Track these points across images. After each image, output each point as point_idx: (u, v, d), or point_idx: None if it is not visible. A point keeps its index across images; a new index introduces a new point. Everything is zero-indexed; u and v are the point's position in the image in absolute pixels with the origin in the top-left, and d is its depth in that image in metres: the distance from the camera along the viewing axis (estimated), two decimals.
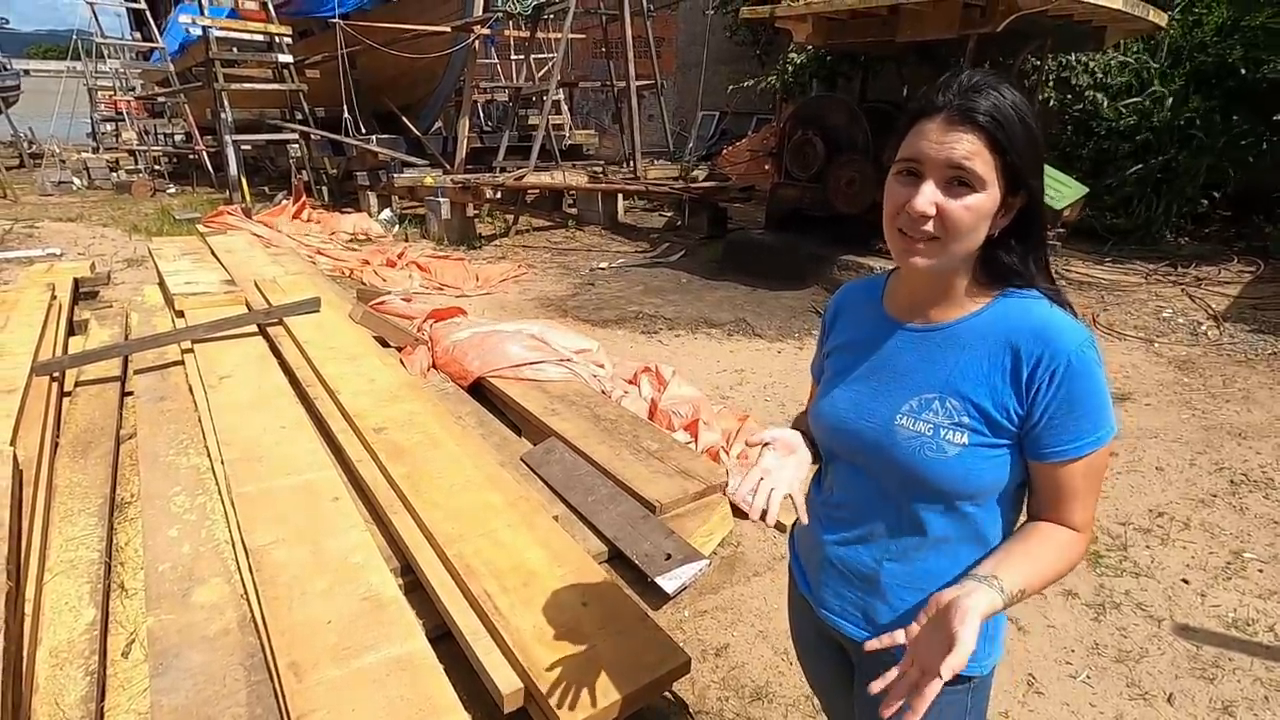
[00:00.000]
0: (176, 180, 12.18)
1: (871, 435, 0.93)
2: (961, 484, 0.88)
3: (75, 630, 1.80)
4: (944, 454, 0.88)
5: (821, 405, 1.02)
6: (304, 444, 2.60)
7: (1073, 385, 0.83)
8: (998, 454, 0.88)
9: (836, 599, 1.02)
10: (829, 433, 1.01)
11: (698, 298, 5.90)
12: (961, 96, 0.81)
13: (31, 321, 3.77)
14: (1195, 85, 6.95)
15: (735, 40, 13.16)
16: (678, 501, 2.56)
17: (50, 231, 8.27)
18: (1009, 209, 0.86)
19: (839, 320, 1.08)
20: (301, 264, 6.08)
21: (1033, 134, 0.83)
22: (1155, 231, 7.13)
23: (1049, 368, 0.84)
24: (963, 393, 0.88)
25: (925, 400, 0.90)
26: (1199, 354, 4.68)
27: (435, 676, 1.56)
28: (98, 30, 13.47)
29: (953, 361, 0.90)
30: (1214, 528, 2.76)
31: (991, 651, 0.99)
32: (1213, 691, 1.98)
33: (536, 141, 8.64)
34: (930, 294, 0.93)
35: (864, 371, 0.98)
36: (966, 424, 0.87)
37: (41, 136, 16.00)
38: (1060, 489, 0.88)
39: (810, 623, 1.11)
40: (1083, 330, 0.85)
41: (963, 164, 0.81)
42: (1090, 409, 0.84)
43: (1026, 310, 0.88)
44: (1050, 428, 0.85)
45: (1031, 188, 0.85)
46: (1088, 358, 0.84)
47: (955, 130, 0.81)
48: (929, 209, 0.83)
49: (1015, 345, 0.86)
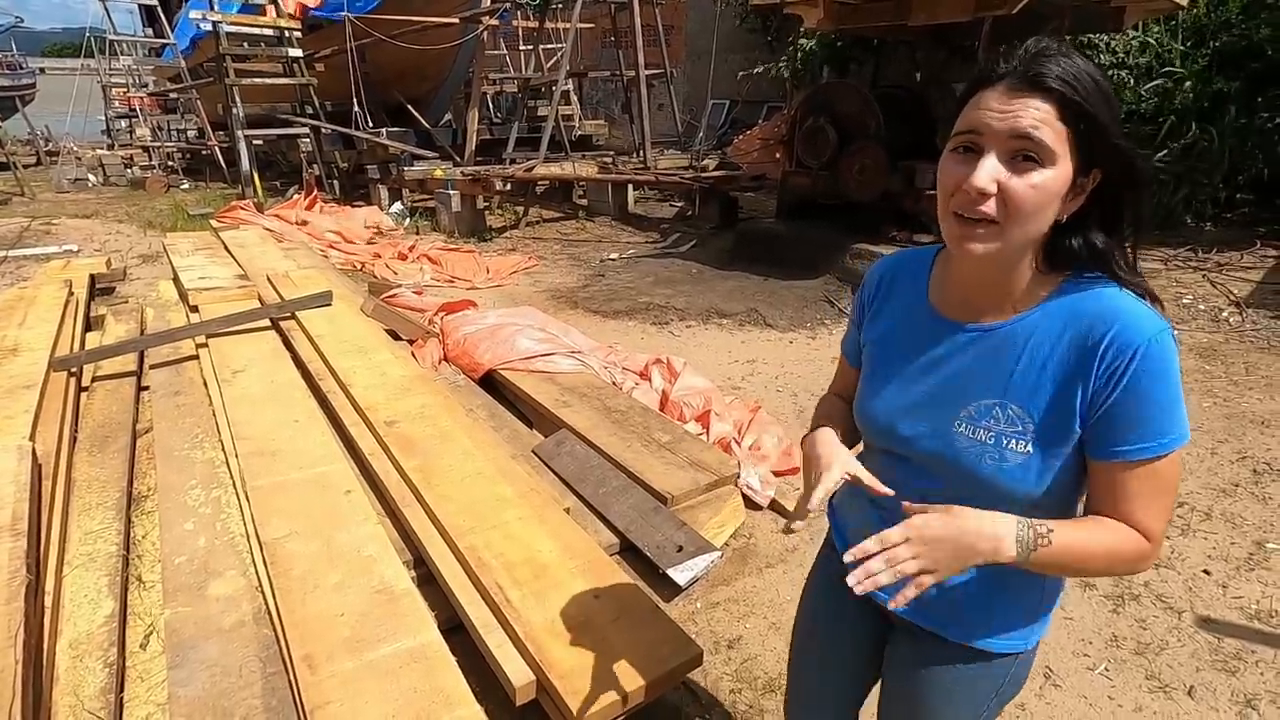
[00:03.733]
0: (190, 176, 12.28)
1: (928, 442, 0.88)
2: (1025, 491, 0.82)
3: (94, 622, 1.82)
4: (1007, 462, 0.81)
5: (871, 405, 0.96)
6: (317, 437, 2.61)
7: (1142, 378, 0.75)
8: (1065, 458, 0.81)
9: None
10: (880, 435, 0.95)
11: (709, 288, 5.87)
12: (1028, 62, 0.73)
13: (49, 318, 3.82)
14: (1219, 66, 6.78)
15: (745, 27, 13.03)
16: (689, 493, 2.55)
17: (67, 228, 8.37)
18: (1080, 190, 0.77)
19: (879, 301, 0.99)
20: (313, 258, 6.11)
21: (1112, 104, 0.73)
22: (1176, 217, 6.99)
23: (1116, 359, 0.75)
24: (1025, 399, 0.81)
25: (984, 407, 0.83)
26: (1220, 341, 4.59)
27: (448, 669, 1.57)
28: (111, 27, 13.56)
29: (1012, 365, 0.82)
30: (1236, 518, 2.71)
31: (1035, 630, 0.95)
32: (1235, 684, 1.95)
33: (546, 132, 8.62)
34: (986, 287, 0.84)
35: (914, 372, 0.91)
36: (1030, 431, 0.81)
37: (57, 134, 16.17)
38: (1120, 491, 0.79)
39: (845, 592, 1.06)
40: (1157, 319, 0.77)
41: (1030, 133, 0.71)
42: (1160, 408, 0.76)
43: (1094, 297, 0.79)
44: (1113, 424, 0.77)
45: (1112, 162, 0.75)
46: (1161, 349, 0.75)
47: (1021, 96, 0.72)
48: (989, 186, 0.73)
49: (1081, 338, 0.78)
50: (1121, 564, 0.81)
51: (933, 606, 0.93)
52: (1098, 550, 0.79)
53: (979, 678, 0.96)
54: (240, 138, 9.26)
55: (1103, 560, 0.80)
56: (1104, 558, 0.79)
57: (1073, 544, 0.78)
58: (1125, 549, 0.79)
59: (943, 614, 0.94)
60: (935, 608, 0.94)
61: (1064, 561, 0.78)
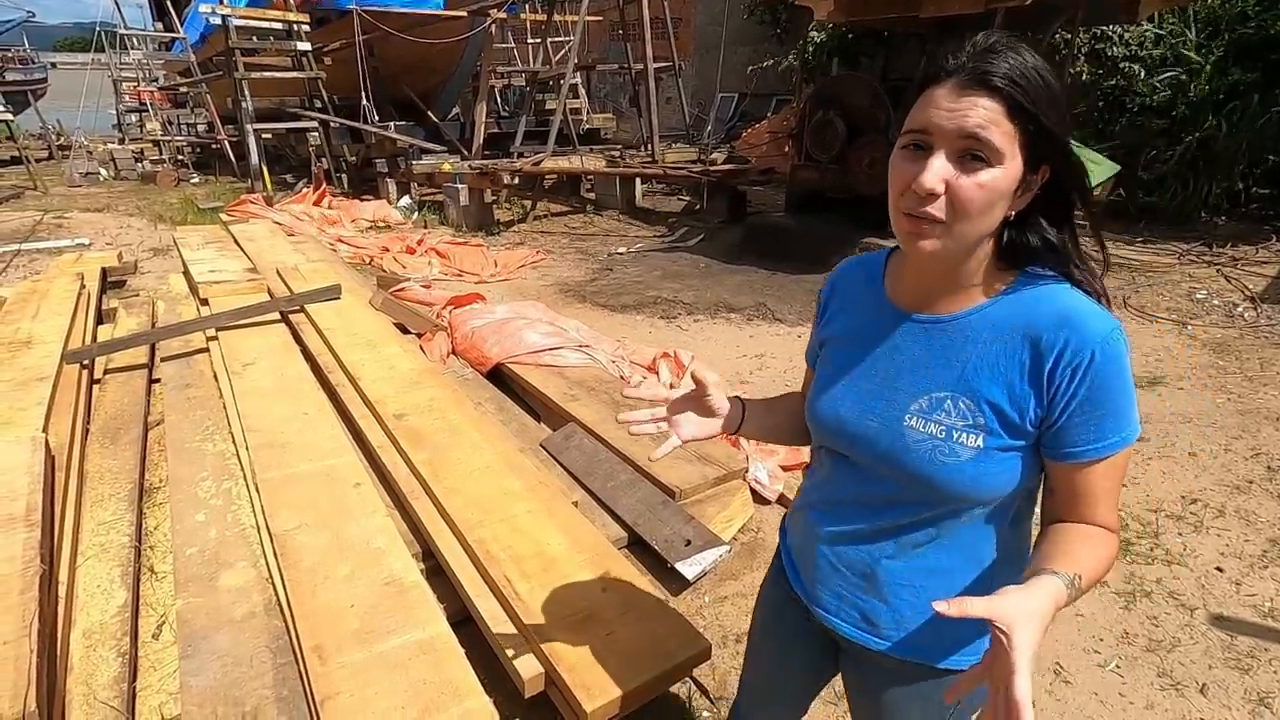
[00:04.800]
0: (200, 170, 12.33)
1: (878, 438, 0.86)
2: (976, 489, 0.82)
3: (107, 612, 1.84)
4: (958, 458, 0.80)
5: (820, 404, 0.94)
6: (326, 430, 2.62)
7: (1098, 380, 0.76)
8: (1014, 456, 0.81)
9: (833, 598, 0.97)
10: (830, 435, 0.93)
11: (717, 282, 5.85)
12: (975, 59, 0.72)
13: (62, 311, 3.85)
14: (1235, 58, 6.68)
15: (754, 20, 12.95)
16: (697, 487, 2.54)
17: (79, 222, 8.43)
18: (1029, 186, 0.77)
19: (835, 303, 0.99)
20: (322, 251, 6.14)
21: (1059, 100, 0.73)
22: (1190, 211, 6.91)
23: (1072, 361, 0.76)
24: (977, 391, 0.80)
25: (936, 400, 0.82)
26: (1235, 336, 4.54)
27: (457, 660, 1.57)
28: (121, 22, 13.62)
29: (965, 357, 0.82)
30: (1250, 515, 2.69)
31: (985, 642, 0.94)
32: (1248, 682, 1.93)
33: (554, 126, 8.59)
34: (939, 281, 0.84)
35: (866, 367, 0.90)
36: (982, 425, 0.80)
37: (69, 128, 16.26)
38: (1081, 491, 0.81)
39: (794, 612, 1.07)
40: (1110, 319, 0.77)
41: (978, 134, 0.71)
42: (1116, 406, 0.77)
43: (1048, 297, 0.79)
44: (1072, 426, 0.78)
45: (1059, 160, 0.76)
46: (1115, 349, 0.76)
47: (969, 95, 0.72)
48: (937, 187, 0.73)
49: (1035, 336, 0.78)
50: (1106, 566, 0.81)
51: (879, 622, 0.93)
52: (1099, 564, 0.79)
53: (932, 695, 0.95)
54: (249, 132, 9.29)
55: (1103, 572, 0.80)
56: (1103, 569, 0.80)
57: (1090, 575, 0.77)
58: (1108, 553, 0.80)
59: (889, 630, 0.94)
60: (881, 623, 0.93)
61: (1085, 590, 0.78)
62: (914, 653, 0.93)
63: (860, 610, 0.95)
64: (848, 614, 0.96)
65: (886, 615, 0.93)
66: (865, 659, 0.98)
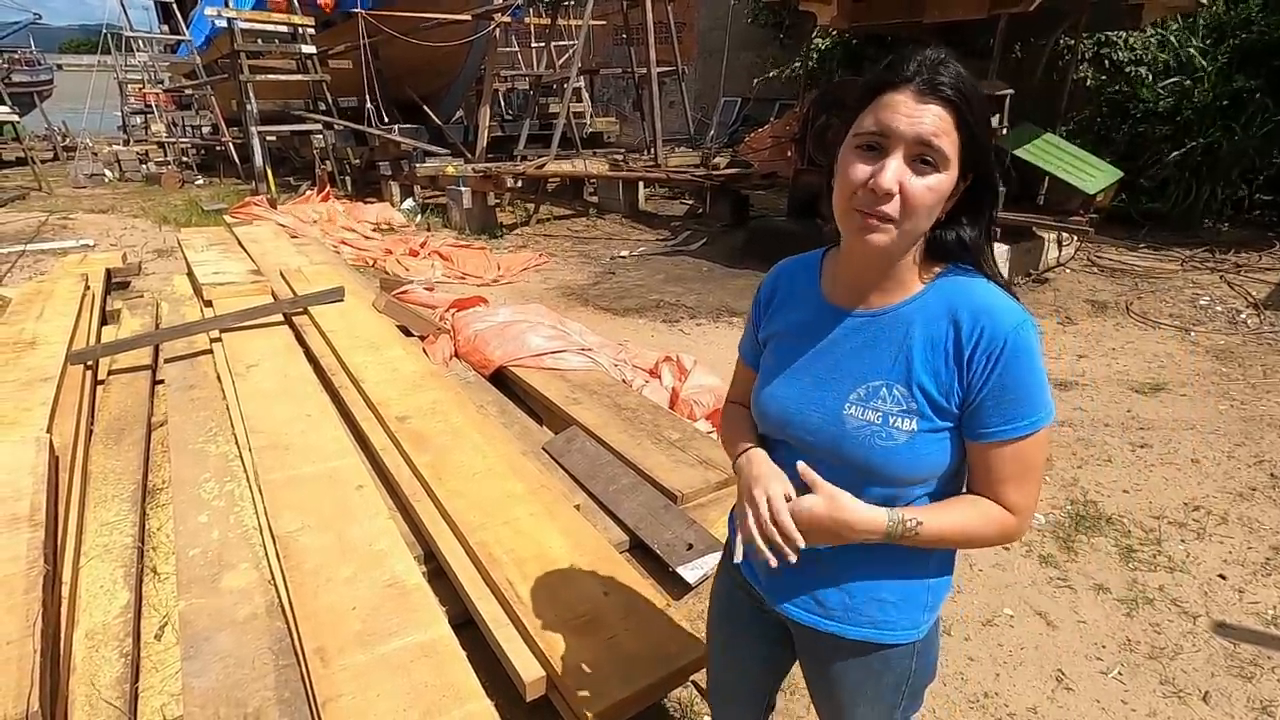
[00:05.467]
0: (204, 172, 12.38)
1: (820, 426, 0.92)
2: (911, 470, 0.88)
3: (110, 613, 1.84)
4: (894, 441, 0.87)
5: (764, 397, 0.99)
6: (329, 432, 2.63)
7: (1009, 366, 0.82)
8: (943, 437, 0.88)
9: (785, 583, 1.01)
10: (775, 426, 0.98)
11: (719, 286, 5.86)
12: (931, 70, 0.79)
13: (66, 311, 3.87)
14: (1239, 64, 6.68)
15: (757, 24, 12.97)
16: (699, 491, 2.54)
17: (83, 223, 8.46)
18: (958, 189, 0.84)
19: (775, 301, 1.05)
20: (326, 254, 6.15)
21: (987, 112, 0.83)
22: (1193, 217, 6.91)
23: (987, 348, 0.83)
24: (909, 378, 0.87)
25: (873, 388, 0.88)
26: (1238, 343, 4.53)
27: (458, 663, 1.58)
28: (127, 24, 13.69)
29: (898, 347, 0.88)
30: (1253, 522, 2.68)
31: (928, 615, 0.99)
32: (1251, 690, 1.92)
33: (557, 129, 8.62)
34: (875, 276, 0.90)
35: (807, 360, 0.95)
36: (914, 410, 0.86)
37: (74, 130, 16.35)
38: (991, 470, 0.87)
39: (747, 601, 1.11)
40: (1021, 311, 0.85)
41: (931, 140, 0.78)
42: (1025, 392, 0.84)
43: (968, 289, 0.87)
44: (984, 408, 0.85)
45: (985, 168, 0.84)
46: (1025, 338, 0.83)
47: (925, 103, 0.78)
48: (894, 187, 0.79)
49: (957, 324, 0.85)
50: (990, 539, 0.90)
51: (825, 603, 0.98)
52: (964, 529, 0.88)
53: (883, 672, 1.01)
54: (254, 134, 9.33)
55: (969, 537, 0.89)
56: (969, 535, 0.89)
57: (940, 529, 0.87)
58: (990, 525, 0.88)
59: (836, 609, 0.98)
60: (828, 603, 0.98)
61: (937, 542, 0.89)
62: (862, 631, 0.98)
63: (810, 594, 1.00)
64: (799, 599, 1.01)
65: (835, 597, 0.98)
66: (818, 641, 1.02)
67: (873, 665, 1.00)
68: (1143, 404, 3.68)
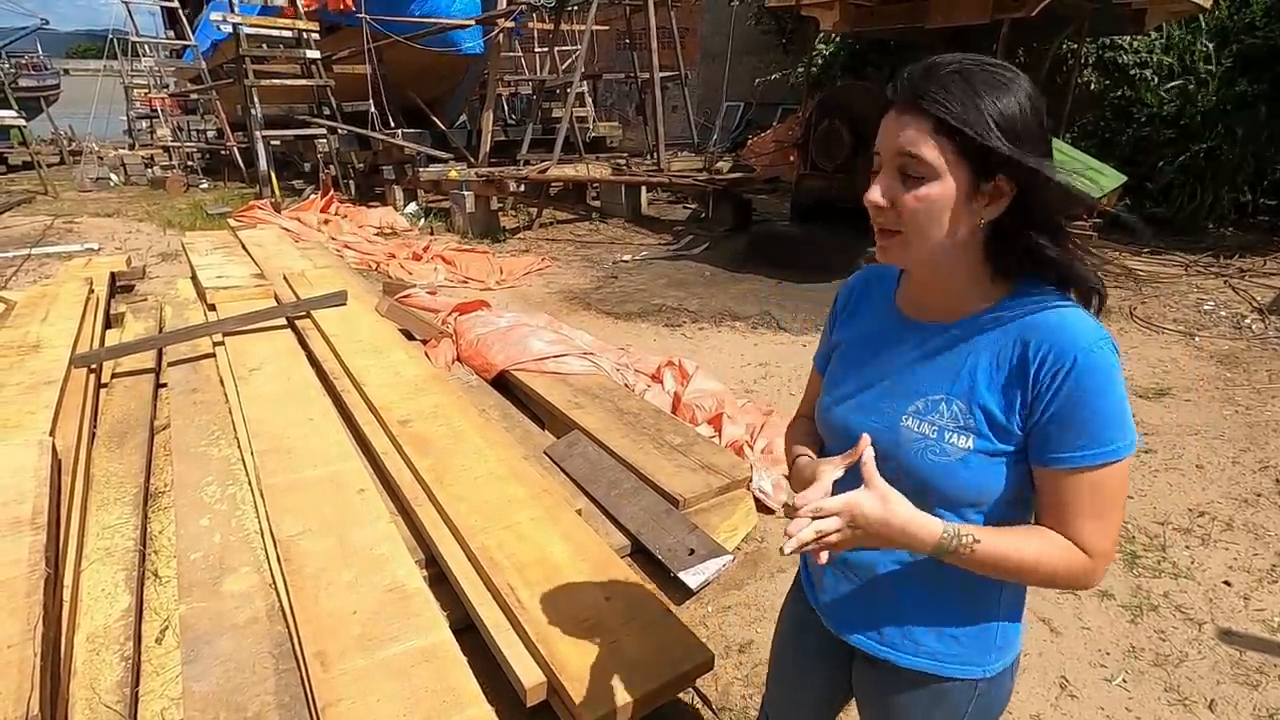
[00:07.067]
0: (209, 176, 12.43)
1: (878, 437, 0.88)
2: (964, 490, 0.84)
3: (111, 616, 1.84)
4: (948, 458, 0.83)
5: (826, 404, 0.98)
6: (331, 436, 2.63)
7: (1080, 384, 0.77)
8: (1001, 461, 0.83)
9: (841, 605, 0.99)
10: (838, 435, 0.96)
11: (722, 290, 5.86)
12: (908, 82, 0.78)
13: (70, 315, 3.88)
14: (1242, 69, 6.68)
15: (760, 29, 13.01)
16: (701, 496, 2.54)
17: (89, 226, 8.50)
18: (996, 196, 0.78)
19: (848, 310, 1.04)
20: (329, 257, 6.17)
21: (987, 112, 0.75)
22: (1197, 221, 6.90)
23: (1054, 366, 0.78)
24: (969, 395, 0.83)
25: (932, 402, 0.86)
26: (1242, 348, 4.52)
27: (459, 668, 1.57)
28: (133, 29, 13.76)
29: (959, 361, 0.85)
30: (1258, 528, 2.66)
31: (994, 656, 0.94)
32: (1256, 699, 1.91)
33: (560, 134, 8.63)
34: (933, 290, 0.89)
35: (872, 370, 0.94)
36: (971, 427, 0.83)
37: (80, 134, 16.42)
38: (1064, 502, 0.80)
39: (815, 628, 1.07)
40: (1098, 329, 0.79)
41: (909, 151, 0.77)
42: (1099, 415, 0.77)
43: (1038, 305, 0.81)
44: (1052, 431, 0.79)
45: (1019, 172, 0.76)
46: (1100, 358, 0.77)
47: (904, 116, 0.78)
48: (879, 200, 0.81)
49: (1025, 342, 0.80)
50: (1058, 577, 0.81)
51: (884, 629, 0.95)
52: (1028, 561, 0.80)
53: (935, 705, 0.96)
54: (258, 138, 9.36)
55: (1035, 572, 0.81)
56: (1032, 566, 0.80)
57: (999, 552, 0.80)
58: (1058, 560, 0.80)
59: (894, 637, 0.95)
60: (886, 630, 0.95)
61: (993, 569, 0.81)
62: (917, 661, 0.94)
63: (865, 616, 0.97)
64: (854, 620, 0.98)
65: (889, 620, 0.95)
66: (873, 668, 0.99)
67: (923, 699, 0.96)
68: (1147, 409, 3.66)
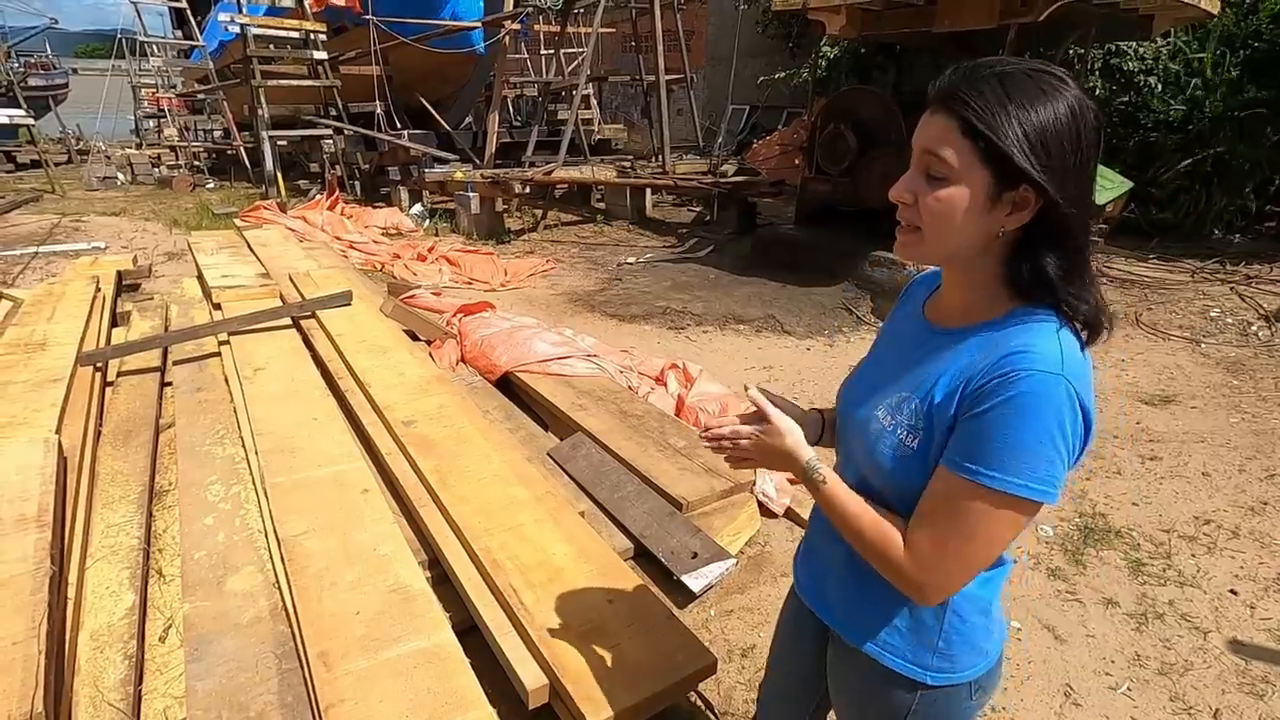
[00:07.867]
0: (215, 176, 12.47)
1: (860, 424, 0.94)
2: (895, 482, 0.87)
3: (115, 615, 1.84)
4: (892, 450, 0.87)
5: (843, 386, 1.04)
6: (335, 436, 2.63)
7: (1009, 402, 0.74)
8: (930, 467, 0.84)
9: (810, 579, 1.08)
10: (839, 414, 1.02)
11: (726, 293, 5.85)
12: (943, 82, 0.78)
13: (77, 313, 3.89)
14: (1250, 75, 6.66)
15: (766, 33, 13.02)
16: (705, 499, 2.53)
17: (95, 225, 8.53)
18: (1020, 206, 0.76)
19: (898, 306, 1.07)
20: (334, 258, 6.18)
21: (1037, 119, 0.72)
22: (1204, 228, 6.87)
23: (998, 373, 0.75)
24: (928, 398, 0.84)
25: (901, 399, 0.88)
26: (1249, 355, 4.50)
27: (462, 670, 1.57)
28: (141, 29, 13.83)
29: (941, 367, 0.85)
30: (1265, 537, 2.65)
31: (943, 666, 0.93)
32: (1262, 709, 1.90)
33: (565, 136, 8.65)
34: (953, 295, 0.90)
35: (881, 365, 0.99)
36: (920, 429, 0.84)
37: (88, 133, 16.51)
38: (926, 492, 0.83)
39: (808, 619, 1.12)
40: (1068, 361, 0.75)
41: (933, 150, 0.78)
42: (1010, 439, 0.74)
43: (1024, 323, 0.79)
44: (961, 431, 0.79)
45: (1042, 182, 0.72)
46: (1046, 386, 0.73)
47: (934, 115, 0.79)
48: (902, 195, 0.82)
49: (990, 355, 0.79)
50: (876, 558, 0.86)
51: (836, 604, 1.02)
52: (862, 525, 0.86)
53: (878, 696, 0.98)
54: (265, 139, 9.40)
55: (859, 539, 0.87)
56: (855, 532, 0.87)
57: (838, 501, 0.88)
58: (878, 539, 0.85)
59: (843, 612, 1.01)
60: (838, 605, 1.02)
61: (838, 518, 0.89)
62: (858, 636, 0.98)
63: (826, 591, 1.04)
64: (818, 595, 1.06)
65: (841, 599, 1.01)
66: (836, 645, 1.05)
67: (869, 681, 0.99)
68: (1152, 416, 3.65)
